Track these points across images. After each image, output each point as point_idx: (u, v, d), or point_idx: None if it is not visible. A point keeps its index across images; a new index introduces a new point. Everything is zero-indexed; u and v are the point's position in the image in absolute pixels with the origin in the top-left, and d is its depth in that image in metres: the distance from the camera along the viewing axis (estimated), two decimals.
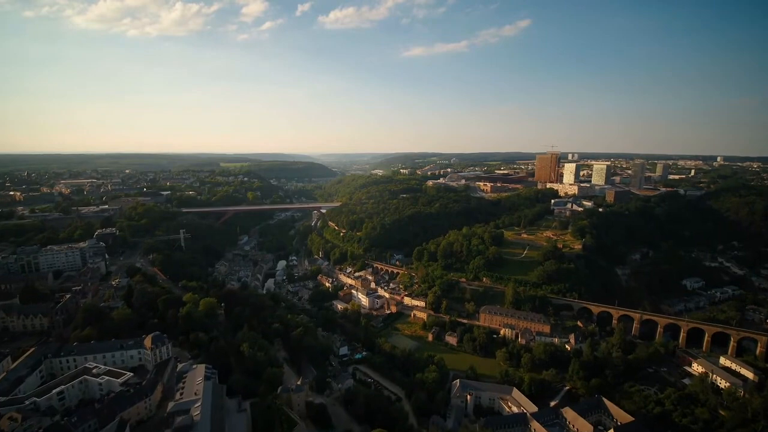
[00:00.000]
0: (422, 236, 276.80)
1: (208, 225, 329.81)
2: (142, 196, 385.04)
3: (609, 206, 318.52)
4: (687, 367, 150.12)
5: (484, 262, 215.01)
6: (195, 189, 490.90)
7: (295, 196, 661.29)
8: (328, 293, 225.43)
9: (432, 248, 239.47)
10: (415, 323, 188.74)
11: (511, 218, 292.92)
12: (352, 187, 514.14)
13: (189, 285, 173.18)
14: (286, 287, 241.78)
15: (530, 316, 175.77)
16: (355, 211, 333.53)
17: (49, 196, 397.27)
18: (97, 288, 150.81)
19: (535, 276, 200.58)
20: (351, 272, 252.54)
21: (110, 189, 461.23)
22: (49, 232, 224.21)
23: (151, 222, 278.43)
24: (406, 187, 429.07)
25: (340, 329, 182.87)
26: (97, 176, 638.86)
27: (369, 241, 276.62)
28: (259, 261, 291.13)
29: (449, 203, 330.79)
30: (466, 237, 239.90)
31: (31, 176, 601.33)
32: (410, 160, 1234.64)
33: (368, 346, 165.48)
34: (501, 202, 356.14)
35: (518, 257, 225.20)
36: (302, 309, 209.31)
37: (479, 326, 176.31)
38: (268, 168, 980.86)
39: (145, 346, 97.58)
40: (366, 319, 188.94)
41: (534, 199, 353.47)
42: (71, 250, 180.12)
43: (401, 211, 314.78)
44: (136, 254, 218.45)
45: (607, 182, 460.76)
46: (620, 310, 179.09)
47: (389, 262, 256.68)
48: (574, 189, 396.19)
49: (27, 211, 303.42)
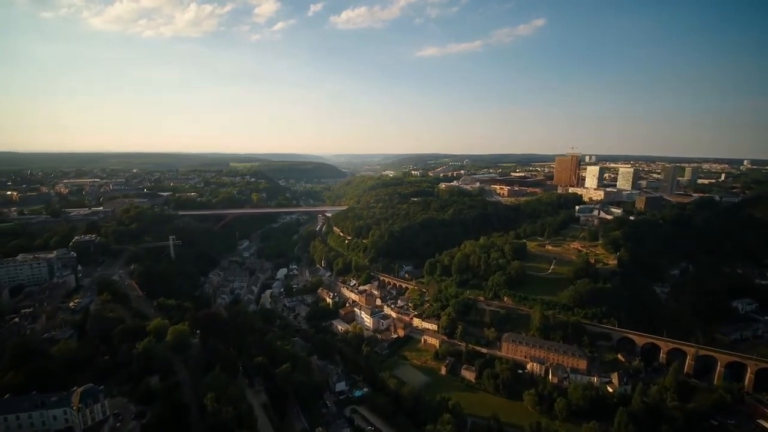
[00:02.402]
0: (434, 245, 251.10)
1: (206, 229, 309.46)
2: (139, 198, 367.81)
3: (641, 214, 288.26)
4: (762, 420, 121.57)
5: (505, 279, 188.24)
6: (198, 190, 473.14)
7: (302, 198, 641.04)
8: (328, 311, 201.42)
9: (445, 261, 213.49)
10: (425, 351, 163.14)
11: (533, 227, 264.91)
12: (360, 189, 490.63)
13: (166, 304, 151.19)
14: (283, 302, 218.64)
15: (562, 347, 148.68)
16: (361, 216, 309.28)
17: (46, 197, 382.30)
18: (55, 309, 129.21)
19: (565, 297, 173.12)
20: (355, 285, 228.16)
21: (111, 189, 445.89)
22: (25, 238, 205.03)
23: (142, 226, 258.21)
24: (417, 190, 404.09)
25: (340, 356, 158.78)
26: (103, 175, 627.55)
27: (375, 250, 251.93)
28: (257, 270, 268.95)
29: (464, 209, 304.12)
30: (484, 249, 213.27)
31: (36, 175, 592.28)
32: (422, 161, 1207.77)
33: (370, 381, 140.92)
34: (520, 208, 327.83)
35: (544, 273, 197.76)
36: (298, 329, 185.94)
37: (501, 358, 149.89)
38: (277, 168, 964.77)
39: (73, 403, 74.84)
40: (369, 345, 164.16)
41: (556, 204, 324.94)
42: (36, 262, 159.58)
43: (412, 217, 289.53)
44: (116, 264, 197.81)
45: (633, 187, 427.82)
46: (670, 342, 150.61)
47: (397, 274, 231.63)
48: (600, 194, 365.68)
49: (16, 212, 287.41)
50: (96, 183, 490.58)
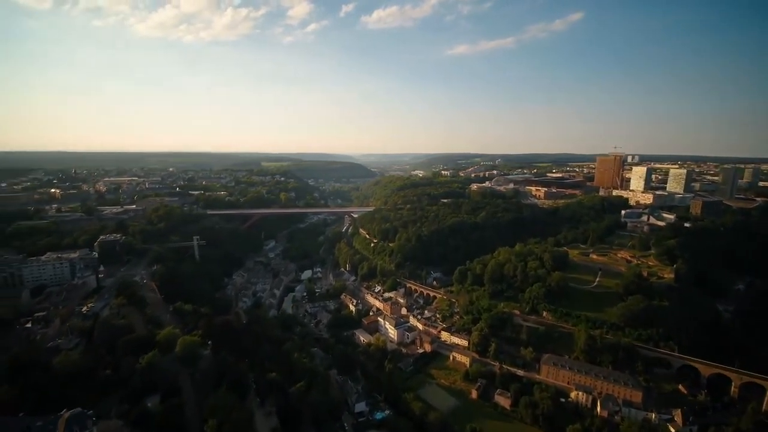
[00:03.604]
0: (464, 250, 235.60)
1: (232, 229, 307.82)
2: (170, 196, 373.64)
3: (697, 220, 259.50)
4: None
5: (544, 291, 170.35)
6: (228, 189, 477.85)
7: (330, 197, 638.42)
8: (351, 319, 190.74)
9: (477, 269, 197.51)
10: (454, 369, 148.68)
11: (574, 233, 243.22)
12: (389, 190, 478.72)
13: (182, 309, 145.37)
14: (305, 307, 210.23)
15: (612, 374, 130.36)
16: (388, 217, 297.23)
17: (85, 195, 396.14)
18: (69, 312, 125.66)
19: (615, 315, 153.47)
20: (380, 292, 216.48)
21: (146, 187, 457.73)
22: (56, 236, 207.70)
23: (170, 225, 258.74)
24: (448, 191, 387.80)
25: (361, 370, 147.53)
26: (141, 174, 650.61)
27: (402, 254, 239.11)
28: (281, 272, 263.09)
29: (497, 211, 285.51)
30: (520, 257, 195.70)
31: (81, 173, 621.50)
32: (452, 160, 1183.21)
33: (393, 401, 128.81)
34: (559, 212, 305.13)
35: (589, 286, 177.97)
36: (318, 338, 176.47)
37: (541, 383, 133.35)
38: (306, 168, 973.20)
39: (58, 429, 67.37)
40: (393, 360, 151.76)
41: (599, 208, 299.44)
42: (59, 262, 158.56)
43: (441, 220, 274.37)
44: (140, 265, 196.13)
45: (686, 190, 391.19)
46: (744, 375, 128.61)
47: (425, 281, 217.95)
48: (648, 197, 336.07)
49: (54, 210, 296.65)
50: (133, 182, 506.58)
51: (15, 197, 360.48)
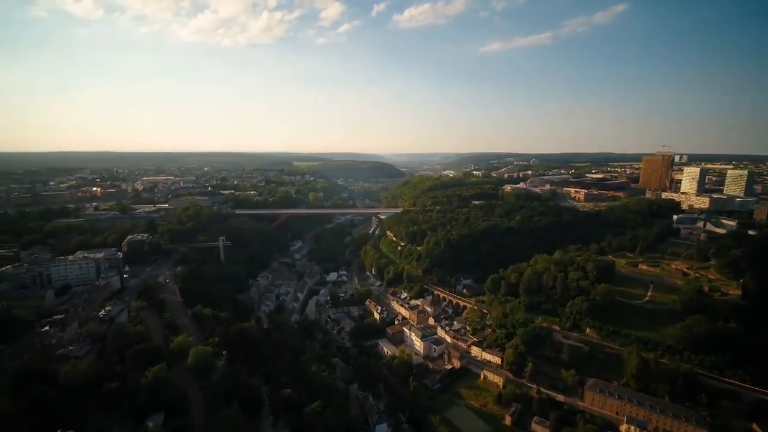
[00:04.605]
0: (497, 256, 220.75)
1: (259, 229, 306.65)
2: (201, 195, 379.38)
3: (763, 228, 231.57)
4: None
5: (588, 306, 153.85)
6: (258, 188, 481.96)
7: (359, 198, 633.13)
8: (375, 328, 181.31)
9: (512, 278, 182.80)
10: (485, 390, 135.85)
11: (620, 240, 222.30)
12: (418, 190, 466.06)
13: (201, 313, 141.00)
14: (328, 312, 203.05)
15: (671, 407, 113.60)
16: (417, 220, 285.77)
17: (123, 194, 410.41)
18: (88, 315, 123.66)
19: (672, 336, 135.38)
20: (406, 299, 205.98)
21: (181, 186, 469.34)
22: (88, 235, 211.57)
23: (198, 225, 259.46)
24: (479, 192, 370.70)
25: (383, 385, 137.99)
26: (178, 173, 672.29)
27: (430, 259, 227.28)
28: (306, 274, 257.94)
29: (534, 215, 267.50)
30: (560, 265, 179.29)
31: (123, 172, 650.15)
32: (484, 160, 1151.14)
33: (417, 423, 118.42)
34: (601, 216, 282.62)
35: (639, 301, 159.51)
36: (340, 347, 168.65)
37: (585, 411, 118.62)
38: (337, 167, 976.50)
39: None
40: (418, 376, 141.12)
41: (647, 212, 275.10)
42: (85, 261, 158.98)
43: (472, 223, 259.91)
44: (165, 266, 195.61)
45: (747, 193, 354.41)
46: None
47: (454, 289, 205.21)
48: (704, 201, 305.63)
49: (92, 209, 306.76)
50: (169, 181, 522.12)
51: (60, 195, 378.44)
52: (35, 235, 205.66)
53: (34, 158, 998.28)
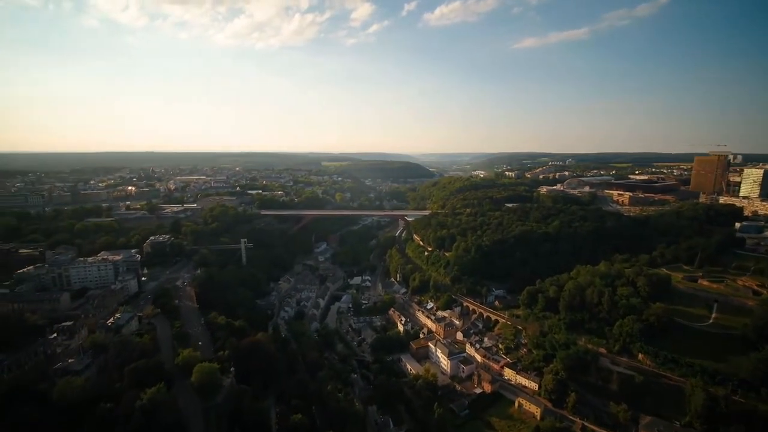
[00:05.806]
0: (533, 265, 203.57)
1: (283, 231, 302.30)
2: (229, 195, 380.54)
3: None
4: None
5: (640, 327, 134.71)
6: (286, 188, 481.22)
7: (386, 198, 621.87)
8: (398, 341, 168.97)
9: (551, 291, 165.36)
10: (520, 420, 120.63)
11: (674, 249, 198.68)
12: (447, 192, 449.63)
13: (215, 322, 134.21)
14: (350, 321, 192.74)
15: None
16: (445, 223, 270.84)
17: (156, 193, 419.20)
18: (96, 323, 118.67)
19: (746, 369, 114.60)
20: (432, 309, 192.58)
21: (211, 186, 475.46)
22: (113, 235, 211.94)
23: (222, 226, 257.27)
24: (513, 194, 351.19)
25: (405, 408, 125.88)
26: (210, 173, 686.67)
27: (459, 267, 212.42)
28: (328, 278, 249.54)
29: (573, 220, 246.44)
30: (607, 279, 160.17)
31: (158, 172, 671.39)
32: (516, 160, 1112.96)
33: None
34: (650, 222, 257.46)
35: (701, 323, 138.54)
36: (360, 360, 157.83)
37: None
38: (365, 167, 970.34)
39: None
40: (444, 400, 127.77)
41: (703, 219, 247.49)
42: (104, 263, 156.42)
43: (505, 228, 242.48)
44: (185, 268, 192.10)
45: None
46: None
47: (485, 300, 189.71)
48: None
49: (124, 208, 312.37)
50: (200, 180, 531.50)
51: (96, 194, 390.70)
52: (64, 235, 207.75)
53: (88, 158, 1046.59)
